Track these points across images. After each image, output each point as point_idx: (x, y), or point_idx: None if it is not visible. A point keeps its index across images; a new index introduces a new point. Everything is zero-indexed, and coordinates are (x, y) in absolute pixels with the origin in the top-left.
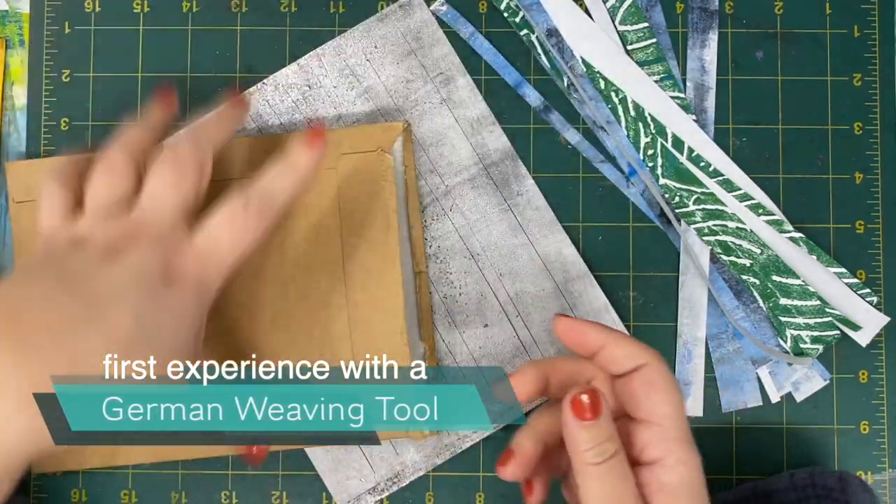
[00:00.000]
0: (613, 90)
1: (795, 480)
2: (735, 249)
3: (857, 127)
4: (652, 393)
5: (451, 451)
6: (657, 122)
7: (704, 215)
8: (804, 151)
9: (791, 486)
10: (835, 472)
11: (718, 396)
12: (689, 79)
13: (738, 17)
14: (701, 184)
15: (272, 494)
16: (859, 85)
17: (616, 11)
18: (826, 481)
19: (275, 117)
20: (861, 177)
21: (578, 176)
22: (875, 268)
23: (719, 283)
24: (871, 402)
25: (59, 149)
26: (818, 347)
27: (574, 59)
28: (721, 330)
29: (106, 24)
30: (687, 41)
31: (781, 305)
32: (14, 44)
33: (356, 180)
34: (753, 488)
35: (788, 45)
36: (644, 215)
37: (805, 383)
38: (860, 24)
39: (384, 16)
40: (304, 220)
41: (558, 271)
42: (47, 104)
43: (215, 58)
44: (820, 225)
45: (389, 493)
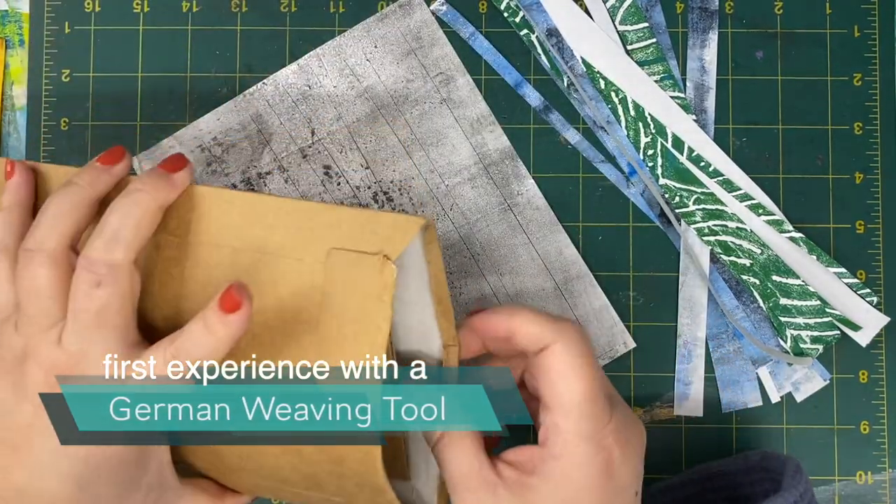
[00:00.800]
0: (613, 90)
1: (748, 463)
2: (735, 249)
3: (858, 127)
4: (548, 379)
5: None
6: (657, 121)
7: (704, 215)
8: (804, 151)
9: (744, 469)
10: (780, 457)
11: (718, 396)
12: (689, 79)
13: (738, 16)
14: (701, 184)
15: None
16: (859, 85)
17: (616, 11)
18: (772, 465)
19: (275, 117)
20: (861, 177)
21: (578, 176)
22: (875, 268)
23: (719, 283)
24: (872, 403)
25: (58, 149)
26: (818, 347)
27: (574, 59)
28: (721, 330)
29: (106, 24)
30: (687, 41)
31: (781, 305)
32: (14, 44)
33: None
34: (706, 470)
35: (788, 45)
36: (644, 215)
37: (805, 383)
38: (860, 24)
39: (384, 16)
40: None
41: (558, 271)
42: (47, 104)
43: (215, 58)
44: (820, 225)
45: None
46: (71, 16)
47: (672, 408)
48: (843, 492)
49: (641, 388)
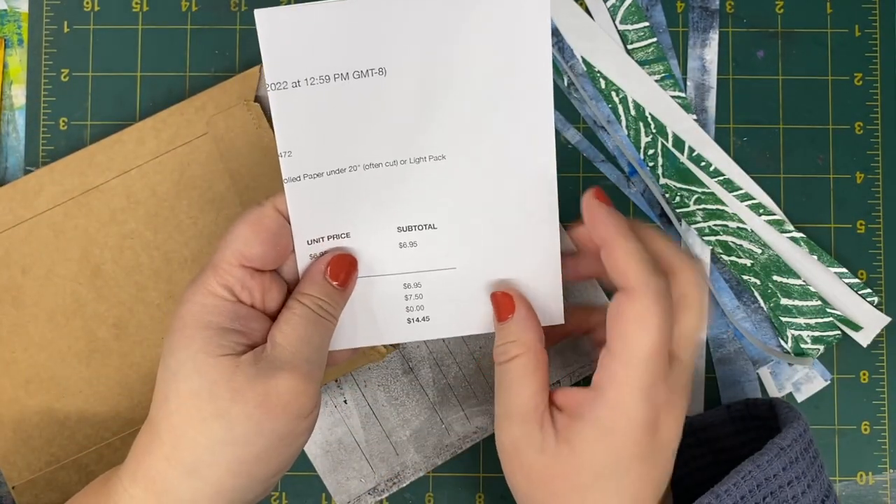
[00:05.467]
0: (614, 90)
1: (732, 412)
2: (736, 249)
3: (858, 126)
4: (615, 325)
5: (451, 452)
6: (658, 121)
7: (705, 215)
8: (805, 151)
9: (728, 419)
10: (766, 401)
11: (719, 397)
12: (689, 78)
13: (739, 16)
14: (701, 183)
15: (272, 495)
16: (860, 84)
17: (616, 10)
18: (759, 411)
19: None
20: (862, 176)
21: (579, 176)
22: (876, 268)
23: (720, 283)
24: (872, 403)
25: (57, 148)
26: (819, 348)
27: (574, 59)
28: (722, 330)
29: (105, 24)
30: (688, 40)
31: (782, 305)
32: (13, 43)
33: (231, 137)
34: (689, 424)
35: (789, 44)
36: (645, 215)
37: (806, 384)
38: (861, 24)
39: None
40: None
41: None
42: (46, 104)
43: (215, 57)
44: (821, 225)
45: (389, 493)
46: (70, 15)
47: None
48: (843, 492)
49: None
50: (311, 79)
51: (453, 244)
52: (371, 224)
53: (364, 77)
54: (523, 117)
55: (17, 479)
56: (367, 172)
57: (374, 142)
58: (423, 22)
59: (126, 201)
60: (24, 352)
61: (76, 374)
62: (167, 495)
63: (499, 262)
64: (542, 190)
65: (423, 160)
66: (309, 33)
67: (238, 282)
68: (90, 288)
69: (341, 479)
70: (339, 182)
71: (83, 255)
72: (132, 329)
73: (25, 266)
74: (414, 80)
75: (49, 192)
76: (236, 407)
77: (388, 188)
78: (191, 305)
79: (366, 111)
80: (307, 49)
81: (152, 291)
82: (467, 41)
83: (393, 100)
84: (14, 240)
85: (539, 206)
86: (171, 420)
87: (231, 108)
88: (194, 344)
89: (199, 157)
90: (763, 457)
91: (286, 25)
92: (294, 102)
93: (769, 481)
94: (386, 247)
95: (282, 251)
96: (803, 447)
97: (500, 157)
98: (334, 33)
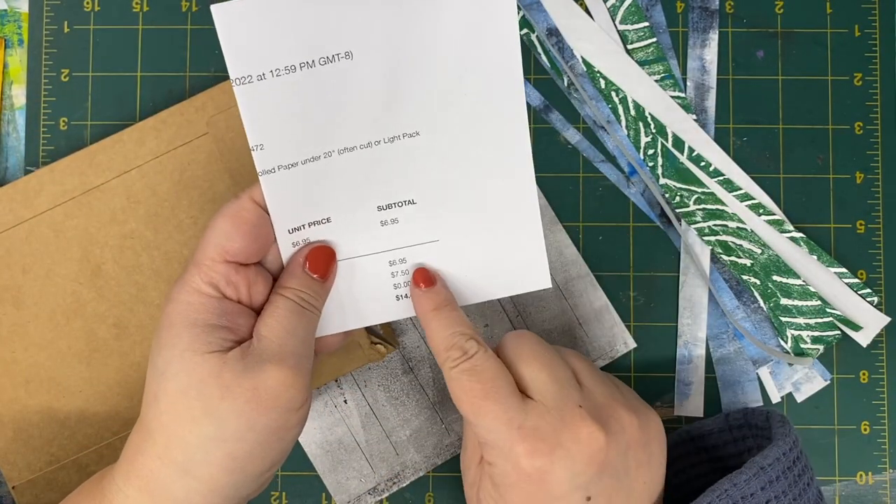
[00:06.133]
0: (614, 90)
1: (731, 421)
2: (735, 249)
3: (858, 126)
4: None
5: (451, 452)
6: (657, 121)
7: (705, 215)
8: (804, 151)
9: (727, 427)
10: (763, 411)
11: (719, 397)
12: (689, 78)
13: (739, 16)
14: (701, 183)
15: (272, 495)
16: (860, 84)
17: (616, 11)
18: (756, 420)
19: None
20: (862, 176)
21: (578, 176)
22: (876, 268)
23: (720, 283)
24: (872, 403)
25: (58, 148)
26: (819, 348)
27: (574, 59)
28: (721, 330)
29: (105, 24)
30: (687, 40)
31: (782, 305)
32: (13, 43)
33: (231, 137)
34: (688, 431)
35: (789, 44)
36: (644, 215)
37: (806, 384)
38: (861, 24)
39: None
40: (194, 193)
41: (559, 271)
42: (46, 104)
43: (214, 57)
44: (820, 225)
45: (389, 493)
46: (70, 15)
47: (672, 408)
48: (843, 492)
49: (642, 388)
50: (276, 70)
51: (434, 217)
52: (351, 206)
53: (330, 63)
54: (494, 87)
55: (17, 479)
56: (341, 157)
57: (347, 126)
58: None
59: (126, 201)
60: (24, 352)
61: (76, 374)
62: (161, 494)
63: (481, 230)
64: (517, 157)
65: (398, 139)
66: (269, 23)
67: (222, 277)
68: (90, 288)
69: (341, 478)
70: (314, 169)
71: (83, 254)
72: (132, 329)
73: (26, 266)
74: (381, 61)
75: (49, 192)
76: (226, 403)
77: (365, 170)
78: (176, 304)
79: (335, 97)
80: (269, 40)
81: (152, 291)
82: (432, 16)
83: (362, 82)
84: (14, 240)
85: (515, 172)
86: (161, 419)
87: (231, 108)
88: (181, 342)
89: (199, 157)
90: (741, 475)
91: (245, 18)
92: (261, 95)
93: (745, 500)
94: (368, 227)
95: (263, 242)
96: (787, 465)
97: (473, 128)
98: (296, 21)
